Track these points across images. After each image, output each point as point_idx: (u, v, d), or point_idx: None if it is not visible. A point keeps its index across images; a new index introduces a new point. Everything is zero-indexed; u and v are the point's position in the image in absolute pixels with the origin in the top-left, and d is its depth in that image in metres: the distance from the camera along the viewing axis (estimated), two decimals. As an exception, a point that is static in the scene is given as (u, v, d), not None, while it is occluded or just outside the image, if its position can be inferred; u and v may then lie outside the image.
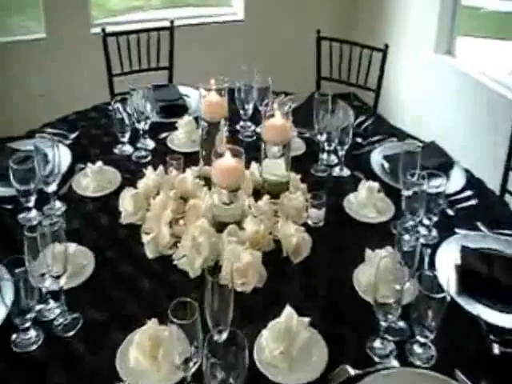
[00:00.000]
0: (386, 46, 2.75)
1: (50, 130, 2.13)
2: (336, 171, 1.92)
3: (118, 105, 1.99)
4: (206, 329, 1.14)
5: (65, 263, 1.29)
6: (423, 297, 1.17)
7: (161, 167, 1.77)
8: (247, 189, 1.71)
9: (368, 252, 1.44)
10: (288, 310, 1.23)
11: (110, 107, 1.99)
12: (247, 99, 2.10)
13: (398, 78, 3.76)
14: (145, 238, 1.51)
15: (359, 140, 2.09)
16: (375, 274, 1.22)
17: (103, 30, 2.80)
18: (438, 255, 1.52)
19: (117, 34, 2.83)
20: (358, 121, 2.22)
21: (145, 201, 1.65)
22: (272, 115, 1.65)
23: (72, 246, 1.47)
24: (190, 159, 1.85)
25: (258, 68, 2.09)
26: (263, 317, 1.30)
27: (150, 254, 1.50)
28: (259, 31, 3.93)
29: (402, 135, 2.15)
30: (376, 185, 1.72)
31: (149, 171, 1.75)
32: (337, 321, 1.33)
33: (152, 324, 1.20)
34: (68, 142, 2.07)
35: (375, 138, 2.12)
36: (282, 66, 3.95)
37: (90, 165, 1.81)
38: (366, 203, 1.68)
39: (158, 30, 2.89)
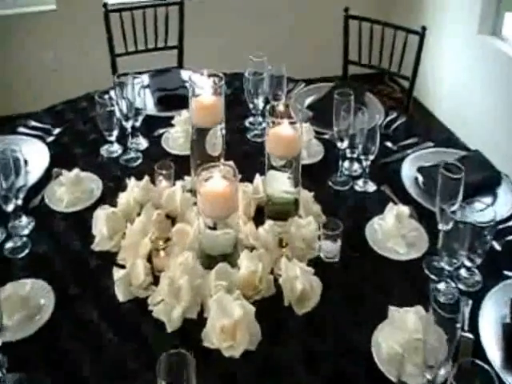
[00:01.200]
0: (424, 29, 2.35)
1: (33, 124, 1.84)
2: (359, 185, 1.57)
3: (107, 97, 1.68)
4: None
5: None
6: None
7: (146, 178, 1.46)
8: (247, 211, 1.39)
9: (392, 310, 1.11)
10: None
11: (96, 99, 1.67)
12: (257, 92, 1.75)
13: (436, 63, 3.33)
14: (116, 274, 1.21)
15: (389, 144, 1.73)
16: (401, 353, 0.90)
17: (105, 5, 2.46)
18: (482, 310, 1.18)
19: (120, 10, 2.49)
20: (388, 119, 1.86)
21: (124, 222, 1.35)
22: (277, 122, 1.30)
23: (28, 284, 1.19)
24: (185, 165, 1.53)
25: (280, 49, 1.75)
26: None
27: (120, 295, 1.19)
28: (283, 6, 3.52)
29: (439, 138, 1.79)
30: (406, 210, 1.37)
31: (131, 183, 1.44)
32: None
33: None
34: (50, 138, 1.78)
35: (408, 142, 1.76)
36: (306, 47, 3.57)
37: (65, 172, 1.51)
38: (393, 234, 1.33)
39: (166, 5, 2.54)
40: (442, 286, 1.23)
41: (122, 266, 1.24)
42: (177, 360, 0.81)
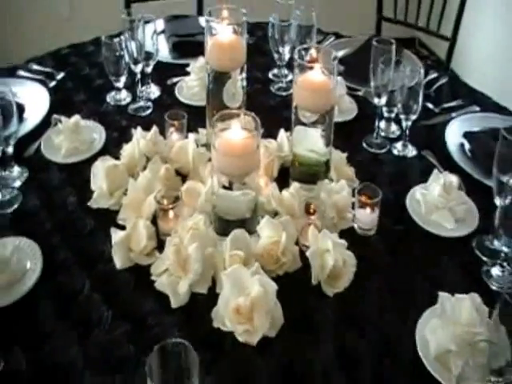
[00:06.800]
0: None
1: (35, 67, 1.62)
2: (397, 148, 1.34)
3: (116, 40, 1.45)
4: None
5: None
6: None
7: (155, 128, 1.25)
8: (269, 171, 1.17)
9: (443, 297, 0.89)
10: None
11: (103, 41, 1.45)
12: (283, 40, 1.52)
13: (479, 25, 2.99)
14: (114, 236, 1.00)
15: (430, 105, 1.50)
16: (455, 351, 0.70)
17: None
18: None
19: (136, -50, 2.24)
20: (429, 78, 1.62)
21: (127, 177, 1.14)
22: (308, 67, 1.07)
23: (9, 243, 0.99)
24: (200, 117, 1.31)
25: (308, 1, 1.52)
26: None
27: (118, 262, 0.99)
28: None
29: (485, 102, 1.55)
30: (455, 179, 1.15)
31: (137, 133, 1.23)
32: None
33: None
34: (52, 83, 1.56)
35: (451, 104, 1.52)
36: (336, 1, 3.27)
37: (64, 118, 1.30)
38: (439, 206, 1.11)
39: None
40: (495, 270, 1.01)
41: (122, 227, 1.04)
42: (174, 352, 0.61)
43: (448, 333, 0.84)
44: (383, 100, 1.32)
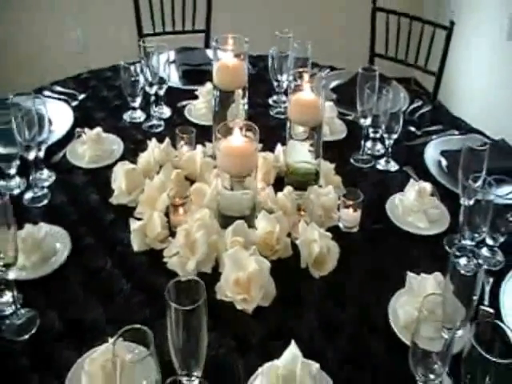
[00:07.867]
0: (452, 24, 2.31)
1: (58, 89, 1.85)
2: (381, 164, 1.55)
3: (132, 68, 1.67)
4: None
5: (15, 250, 0.99)
6: (480, 359, 0.81)
7: (167, 140, 1.45)
8: (267, 178, 1.37)
9: (410, 276, 1.08)
10: (291, 350, 0.89)
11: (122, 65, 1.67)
12: (281, 69, 1.74)
13: (463, 62, 3.28)
14: (132, 225, 1.19)
15: (412, 129, 1.71)
16: (418, 315, 0.87)
17: (135, -16, 2.47)
18: (503, 287, 1.14)
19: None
20: (413, 106, 1.84)
21: (143, 179, 1.33)
22: (300, 88, 1.28)
23: (43, 227, 1.18)
24: (207, 134, 1.52)
25: (305, 38, 1.76)
26: (264, 349, 0.98)
27: (135, 246, 1.18)
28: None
29: (464, 128, 1.76)
30: (429, 186, 1.34)
31: (152, 143, 1.43)
32: (361, 369, 0.98)
33: (107, 347, 0.89)
34: (75, 103, 1.78)
35: (432, 128, 1.73)
36: (332, 37, 3.53)
37: (87, 130, 1.51)
38: (414, 209, 1.30)
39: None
40: (462, 260, 1.19)
41: (139, 220, 1.23)
42: (186, 287, 0.79)
43: (414, 305, 1.01)
44: (368, 121, 1.53)
